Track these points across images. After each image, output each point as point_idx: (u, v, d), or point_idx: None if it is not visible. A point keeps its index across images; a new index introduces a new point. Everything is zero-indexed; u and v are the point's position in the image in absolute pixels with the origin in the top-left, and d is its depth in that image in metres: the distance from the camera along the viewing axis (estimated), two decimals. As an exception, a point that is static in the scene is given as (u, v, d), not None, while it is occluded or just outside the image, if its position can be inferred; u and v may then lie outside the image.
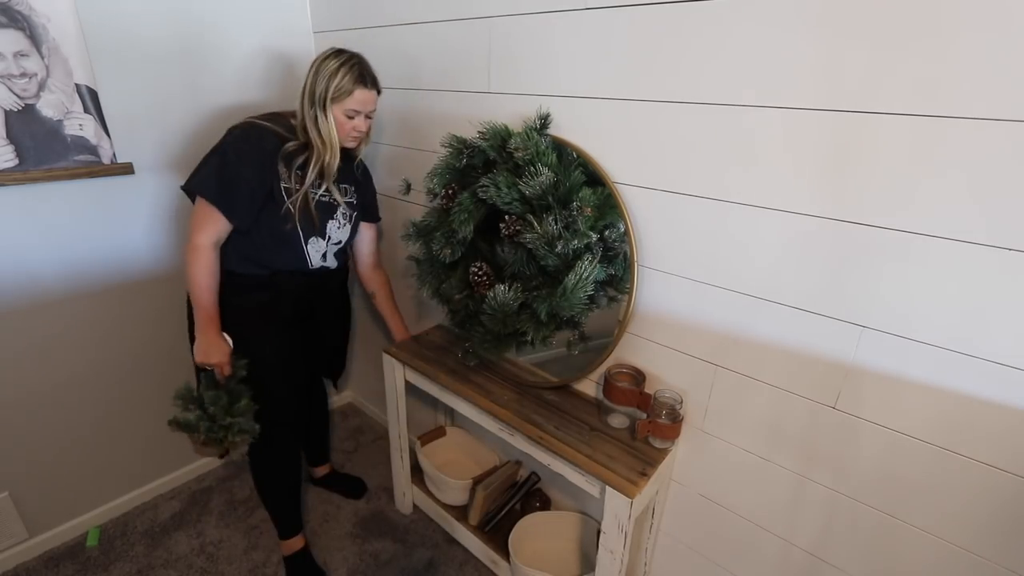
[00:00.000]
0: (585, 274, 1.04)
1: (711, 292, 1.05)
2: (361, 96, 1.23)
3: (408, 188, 1.39)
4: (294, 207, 1.26)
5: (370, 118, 1.30)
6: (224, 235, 1.24)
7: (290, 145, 1.23)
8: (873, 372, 0.90)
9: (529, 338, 1.13)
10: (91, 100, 1.32)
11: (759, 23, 0.86)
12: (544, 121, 1.14)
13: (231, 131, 1.23)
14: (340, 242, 1.41)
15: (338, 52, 1.22)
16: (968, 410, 0.83)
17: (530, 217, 1.09)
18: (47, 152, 1.28)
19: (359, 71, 1.21)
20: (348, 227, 1.42)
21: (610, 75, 1.07)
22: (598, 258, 1.07)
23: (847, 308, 0.90)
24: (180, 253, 1.61)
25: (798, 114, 0.86)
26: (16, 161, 1.25)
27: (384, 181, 1.69)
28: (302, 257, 1.34)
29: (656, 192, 1.07)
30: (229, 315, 1.30)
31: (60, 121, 1.28)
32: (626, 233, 1.11)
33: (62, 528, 1.59)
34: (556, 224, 1.05)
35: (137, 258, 1.53)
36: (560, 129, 1.17)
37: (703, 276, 1.06)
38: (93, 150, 1.35)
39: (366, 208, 1.50)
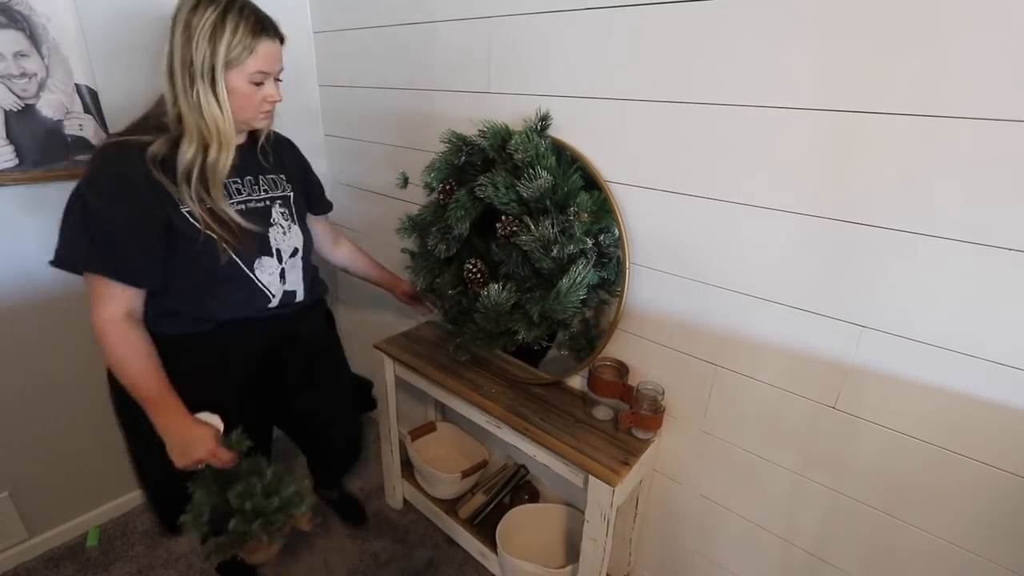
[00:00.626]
0: (579, 279, 1.04)
1: (710, 292, 1.05)
2: (267, 50, 0.91)
3: (405, 182, 1.39)
4: (215, 231, 0.92)
5: (280, 80, 0.99)
6: (137, 301, 0.94)
7: (156, 147, 0.88)
8: (873, 372, 0.90)
9: (520, 337, 1.14)
10: (91, 100, 1.32)
11: (758, 23, 0.86)
12: (544, 122, 1.14)
13: (86, 166, 0.91)
14: (296, 250, 1.10)
15: None
16: (968, 410, 0.83)
17: (527, 219, 1.09)
18: (47, 152, 1.28)
19: (254, 16, 0.90)
20: (295, 227, 1.10)
21: (609, 75, 1.07)
22: (592, 263, 1.07)
23: (847, 308, 0.90)
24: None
25: (797, 114, 0.86)
26: (16, 161, 1.25)
27: (382, 178, 1.69)
28: (255, 292, 1.02)
29: (656, 192, 1.07)
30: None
31: (60, 121, 1.28)
32: (620, 240, 1.12)
33: (62, 528, 1.59)
34: (552, 228, 1.05)
35: (137, 258, 1.53)
36: (558, 129, 1.17)
37: (703, 276, 1.06)
38: (93, 150, 1.35)
39: (309, 196, 1.19)
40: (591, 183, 1.13)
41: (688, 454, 1.21)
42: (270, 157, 1.10)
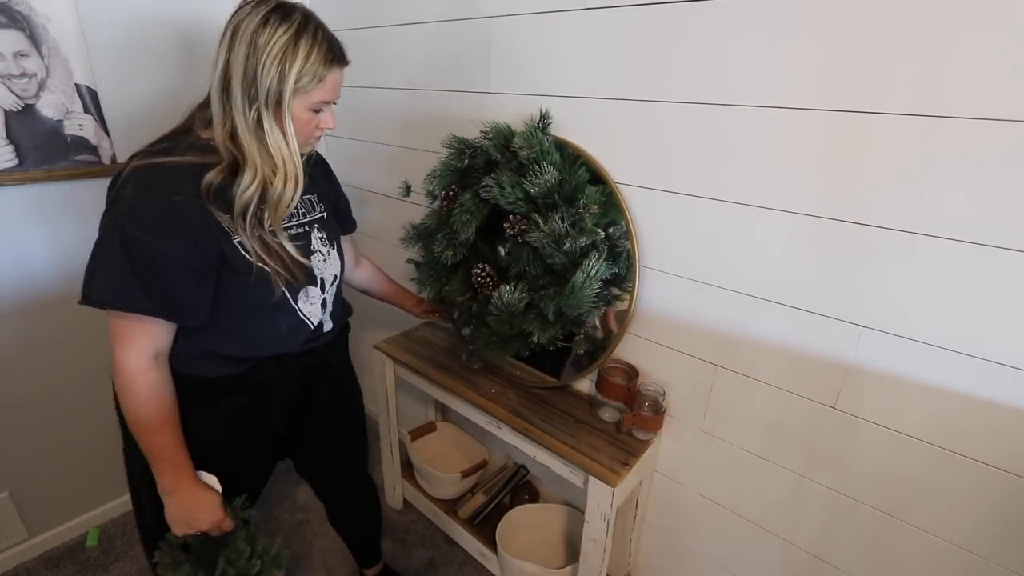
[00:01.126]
0: (593, 271, 1.04)
1: (711, 292, 1.05)
2: (335, 80, 0.84)
3: (408, 190, 1.39)
4: (269, 264, 0.83)
5: (335, 104, 0.90)
6: (167, 341, 0.83)
7: (211, 176, 0.78)
8: (873, 372, 0.90)
9: (535, 338, 1.13)
10: (91, 100, 1.32)
11: (759, 23, 0.86)
12: (545, 121, 1.14)
13: (119, 193, 0.78)
14: (335, 277, 1.02)
15: (279, 7, 0.78)
16: (968, 410, 0.83)
17: (535, 216, 1.09)
18: (47, 152, 1.28)
19: (328, 43, 0.81)
20: (333, 252, 1.01)
21: (610, 75, 1.07)
22: (604, 255, 1.07)
23: (847, 308, 0.90)
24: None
25: (797, 114, 0.86)
26: (16, 161, 1.24)
27: (384, 180, 1.69)
28: (298, 325, 0.95)
29: (657, 192, 1.07)
30: (190, 423, 0.87)
31: (60, 121, 1.28)
32: (628, 233, 1.12)
33: (62, 528, 1.59)
34: (563, 222, 1.05)
35: (137, 258, 1.53)
36: (560, 129, 1.17)
37: (703, 276, 1.06)
38: (93, 150, 1.35)
39: (338, 214, 1.10)
40: (595, 179, 1.13)
41: (688, 454, 1.22)
42: (314, 179, 1.01)
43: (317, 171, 1.06)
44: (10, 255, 1.31)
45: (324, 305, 0.99)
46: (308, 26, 0.79)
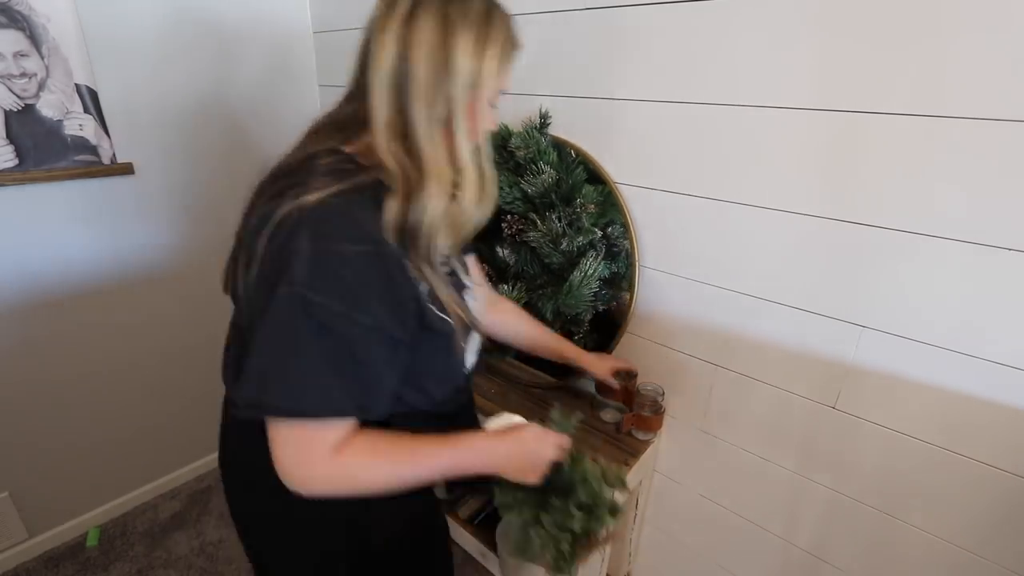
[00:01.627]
0: (590, 270, 1.04)
1: (711, 292, 1.05)
2: (511, 66, 0.65)
3: None
4: (450, 314, 0.64)
5: None
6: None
7: (394, 209, 0.57)
8: (873, 372, 0.90)
9: None
10: (91, 100, 1.32)
11: (760, 23, 0.86)
12: (544, 120, 1.14)
13: (292, 250, 0.54)
14: (483, 314, 0.83)
15: None
16: (968, 410, 0.83)
17: (533, 216, 1.09)
18: (47, 152, 1.28)
19: (506, 22, 0.62)
20: (476, 286, 0.80)
21: (610, 75, 1.07)
22: (602, 255, 1.07)
23: (847, 308, 0.90)
24: (184, 253, 1.61)
25: (798, 114, 0.86)
26: (16, 161, 1.24)
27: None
28: (460, 372, 0.75)
29: (656, 192, 1.07)
30: (376, 516, 0.73)
31: (60, 121, 1.28)
32: (627, 232, 1.12)
33: (62, 528, 1.59)
34: (560, 222, 1.05)
35: (137, 258, 1.53)
36: (560, 129, 1.17)
37: (703, 276, 1.06)
38: (93, 150, 1.35)
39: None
40: (593, 178, 1.13)
41: (688, 454, 1.21)
42: None
43: None
44: (10, 255, 1.31)
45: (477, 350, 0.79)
46: (496, 7, 0.61)
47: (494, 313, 0.98)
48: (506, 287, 1.14)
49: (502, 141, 1.15)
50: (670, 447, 1.24)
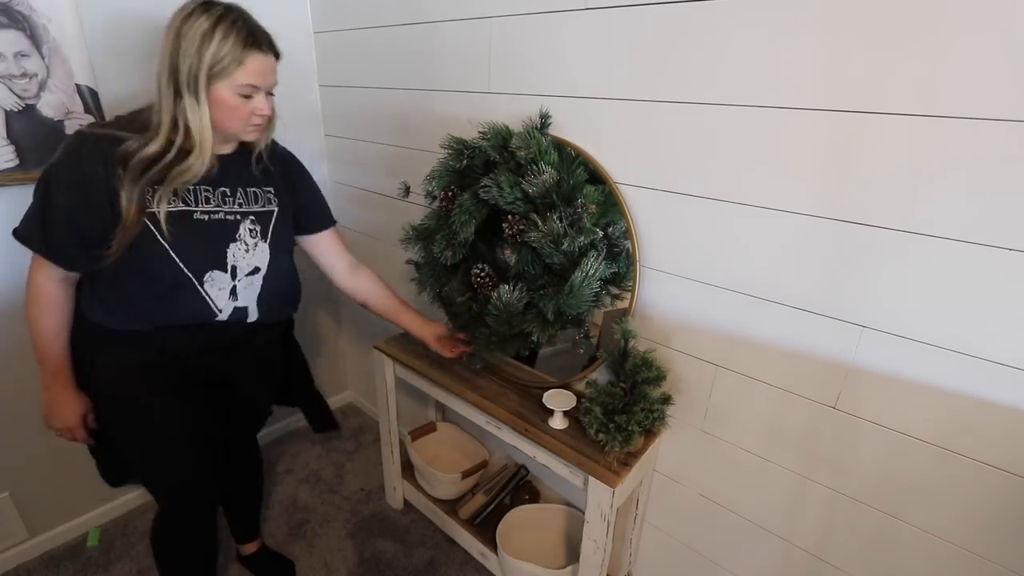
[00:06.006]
0: (591, 271, 1.04)
1: (711, 292, 1.05)
2: (257, 65, 0.91)
3: (407, 191, 1.39)
4: (163, 235, 0.91)
5: (271, 95, 0.98)
6: (74, 275, 0.99)
7: (132, 144, 0.88)
8: (873, 372, 0.90)
9: (535, 338, 1.14)
10: (92, 100, 1.32)
11: (759, 23, 0.86)
12: (545, 120, 1.14)
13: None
14: (256, 269, 1.05)
15: (206, 3, 0.88)
16: (968, 410, 0.83)
17: (534, 216, 1.09)
18: (48, 152, 1.28)
19: (247, 29, 0.89)
20: (263, 245, 1.05)
21: (610, 75, 1.07)
22: (603, 255, 1.07)
23: (847, 308, 0.90)
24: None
25: (799, 114, 0.86)
26: (16, 161, 1.25)
27: (383, 180, 1.69)
28: (201, 304, 1.00)
29: (656, 192, 1.07)
30: (99, 373, 1.02)
31: (61, 121, 1.28)
32: (628, 232, 1.12)
33: (62, 528, 1.59)
34: (561, 222, 1.05)
35: (137, 258, 1.53)
36: (560, 129, 1.17)
37: (704, 276, 1.06)
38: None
39: (306, 213, 1.16)
40: (594, 178, 1.13)
41: (688, 454, 1.22)
42: (262, 170, 1.06)
43: (282, 168, 1.10)
44: (10, 255, 1.31)
45: (234, 293, 1.03)
46: (228, 16, 0.88)
47: (354, 278, 1.28)
48: (507, 287, 1.14)
49: (503, 141, 1.15)
50: (670, 447, 1.24)
